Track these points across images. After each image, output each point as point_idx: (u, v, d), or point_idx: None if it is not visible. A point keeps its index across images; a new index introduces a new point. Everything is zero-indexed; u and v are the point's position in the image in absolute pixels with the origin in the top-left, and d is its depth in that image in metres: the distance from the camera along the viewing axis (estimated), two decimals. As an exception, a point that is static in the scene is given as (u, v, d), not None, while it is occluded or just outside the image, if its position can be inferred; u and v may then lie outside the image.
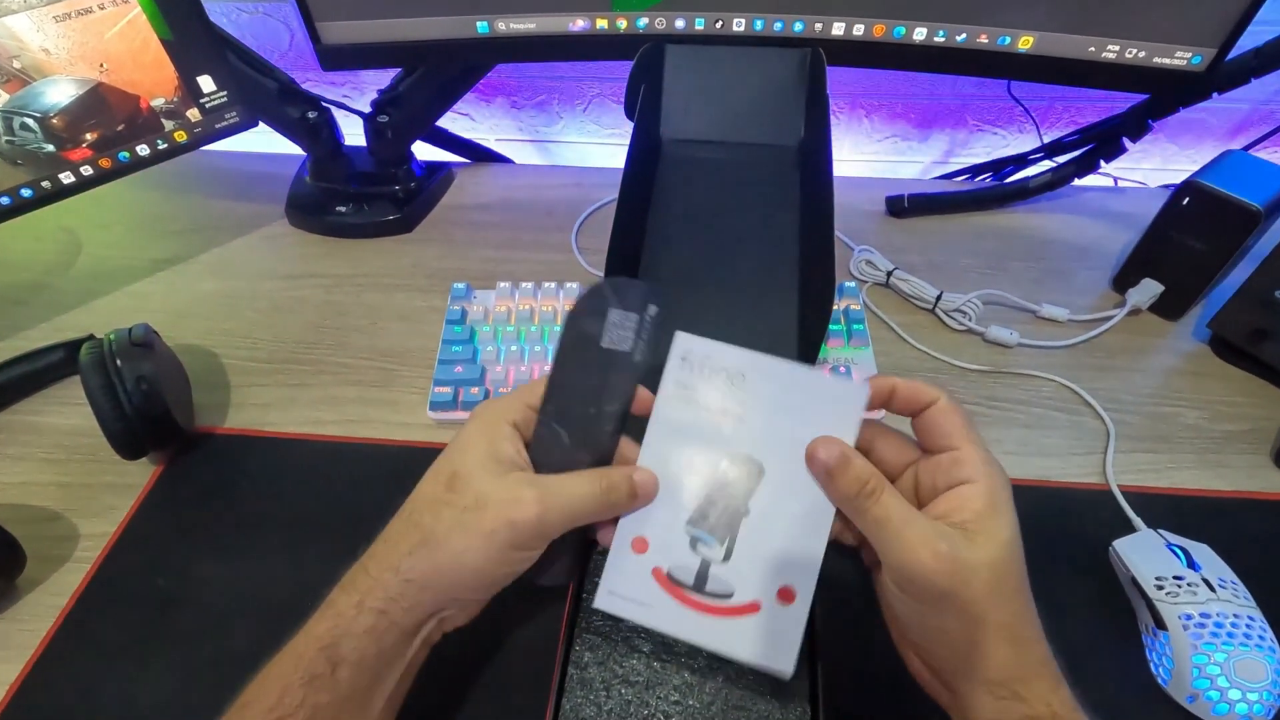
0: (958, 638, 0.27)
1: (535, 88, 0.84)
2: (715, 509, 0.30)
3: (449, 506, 0.29)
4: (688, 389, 0.31)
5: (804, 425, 0.30)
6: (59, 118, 0.52)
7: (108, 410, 0.44)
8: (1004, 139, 0.84)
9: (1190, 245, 0.55)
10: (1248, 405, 0.53)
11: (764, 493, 0.30)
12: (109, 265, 0.65)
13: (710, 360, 0.31)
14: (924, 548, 0.26)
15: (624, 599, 0.30)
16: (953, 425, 0.29)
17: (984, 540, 0.27)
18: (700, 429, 0.31)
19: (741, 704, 0.32)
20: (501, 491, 0.29)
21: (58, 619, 0.42)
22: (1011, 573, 0.27)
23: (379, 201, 0.69)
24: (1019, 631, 0.27)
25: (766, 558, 0.30)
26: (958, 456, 0.29)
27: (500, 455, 0.30)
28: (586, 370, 0.32)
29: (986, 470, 0.28)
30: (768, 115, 0.50)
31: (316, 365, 0.56)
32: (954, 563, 0.26)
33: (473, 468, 0.30)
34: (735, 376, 0.31)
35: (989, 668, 0.27)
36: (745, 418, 0.31)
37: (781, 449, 0.30)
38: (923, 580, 0.27)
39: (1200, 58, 0.51)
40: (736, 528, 0.30)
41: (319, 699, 0.28)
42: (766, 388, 0.31)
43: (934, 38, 0.54)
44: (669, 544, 0.31)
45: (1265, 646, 0.37)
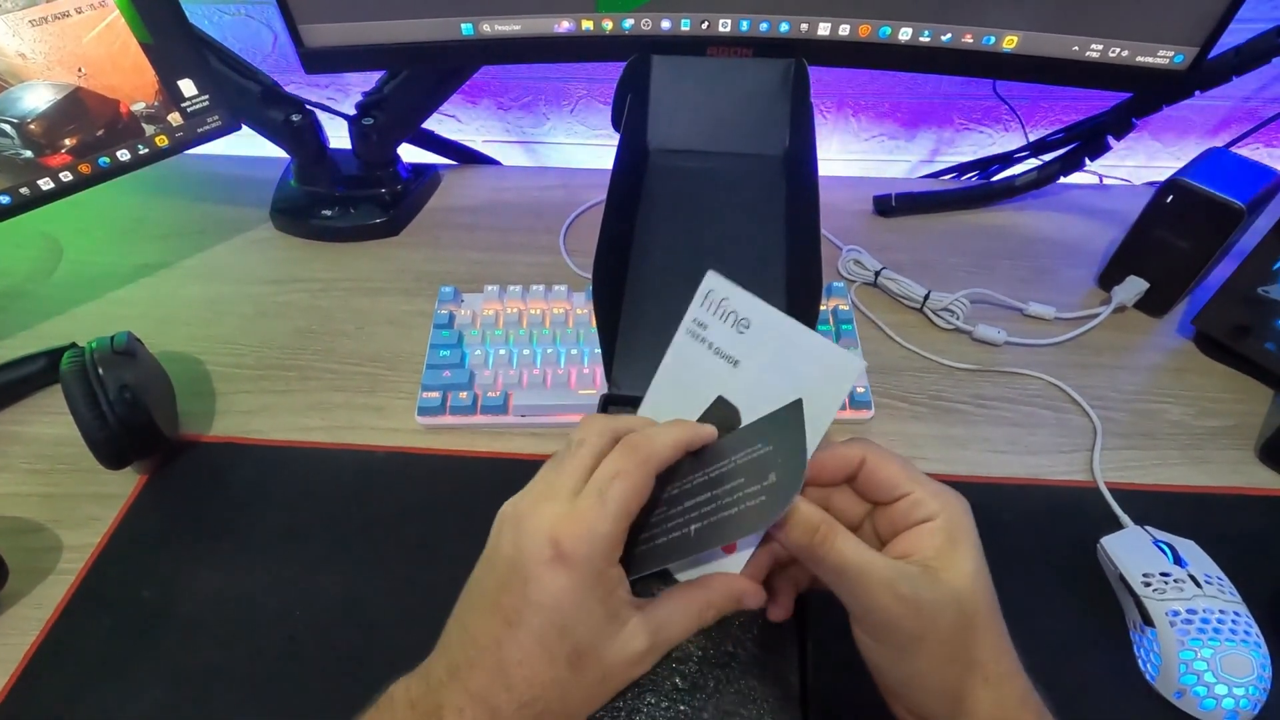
0: (935, 680, 0.27)
1: (522, 89, 0.84)
2: None
3: (577, 687, 0.26)
4: (703, 326, 0.32)
5: (791, 385, 0.30)
6: (37, 123, 0.51)
7: (90, 419, 0.44)
8: (990, 138, 0.84)
9: (1174, 243, 0.56)
10: (1232, 401, 0.53)
11: None
12: (91, 272, 0.64)
13: (727, 302, 0.32)
14: (885, 592, 0.25)
15: None
16: (891, 473, 0.29)
17: (947, 576, 0.26)
18: (701, 366, 0.32)
19: (731, 710, 0.32)
20: (621, 654, 0.27)
21: (41, 632, 0.41)
22: (980, 607, 0.27)
23: (365, 205, 0.69)
24: (994, 669, 0.27)
25: None
26: (911, 500, 0.28)
27: (615, 611, 0.27)
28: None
29: (943, 504, 0.28)
30: (753, 125, 0.51)
31: (303, 371, 0.56)
32: (917, 604, 0.26)
33: (594, 640, 0.26)
34: (742, 323, 0.31)
35: (972, 710, 0.26)
36: (742, 365, 0.31)
37: (763, 404, 0.30)
38: (888, 624, 0.26)
39: (1182, 56, 0.52)
40: None
41: None
42: (767, 340, 0.31)
43: (919, 38, 0.54)
44: None
45: (1251, 641, 0.37)
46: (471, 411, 0.51)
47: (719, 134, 0.51)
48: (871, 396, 0.52)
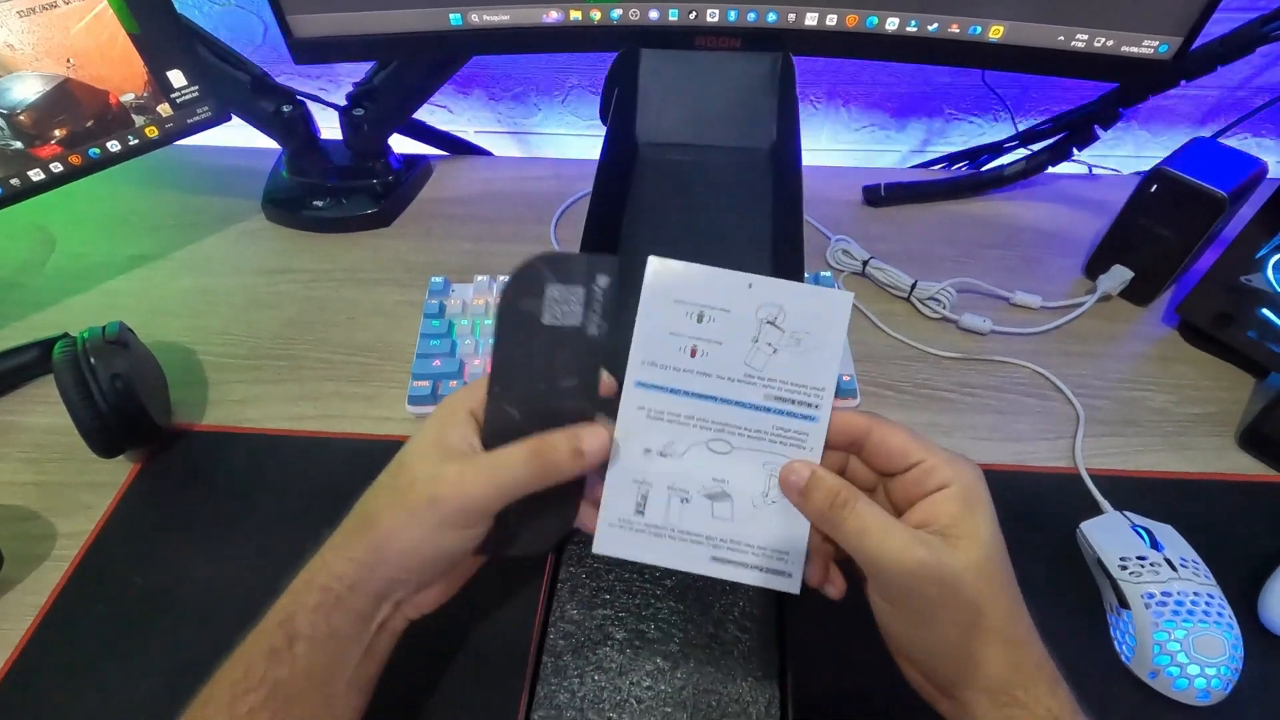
0: (952, 645, 0.27)
1: (513, 79, 0.84)
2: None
3: (387, 489, 0.30)
4: (662, 319, 0.30)
5: (787, 347, 0.30)
6: (26, 114, 0.51)
7: (82, 409, 0.44)
8: (980, 128, 0.85)
9: (1159, 232, 0.56)
10: (1214, 388, 0.54)
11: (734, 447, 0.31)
12: (83, 263, 0.64)
13: (685, 285, 0.30)
14: (906, 556, 0.26)
15: (619, 541, 0.31)
16: (903, 442, 0.29)
17: (965, 543, 0.27)
18: (674, 365, 0.31)
19: (712, 687, 0.32)
20: (428, 469, 0.29)
21: (36, 619, 0.42)
22: (997, 572, 0.27)
23: (356, 195, 0.69)
24: (1013, 633, 0.27)
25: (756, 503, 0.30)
26: (924, 467, 0.28)
27: (446, 441, 0.30)
28: (531, 350, 0.31)
29: (956, 472, 0.28)
30: (740, 119, 0.51)
31: (294, 361, 0.56)
32: (939, 569, 0.26)
33: (415, 454, 0.30)
34: (708, 306, 0.30)
35: (987, 674, 0.27)
36: (721, 351, 0.30)
37: (767, 372, 0.30)
38: (908, 590, 0.26)
39: (1167, 46, 0.52)
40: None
41: (279, 673, 0.28)
42: (742, 312, 0.30)
43: (906, 27, 0.54)
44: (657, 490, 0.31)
45: (1224, 623, 0.38)
46: (461, 400, 0.51)
47: (707, 127, 0.51)
48: (858, 385, 0.53)
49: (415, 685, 0.38)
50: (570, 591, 0.35)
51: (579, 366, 0.31)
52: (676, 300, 0.30)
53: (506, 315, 0.31)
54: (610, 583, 0.35)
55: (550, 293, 0.31)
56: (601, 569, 0.36)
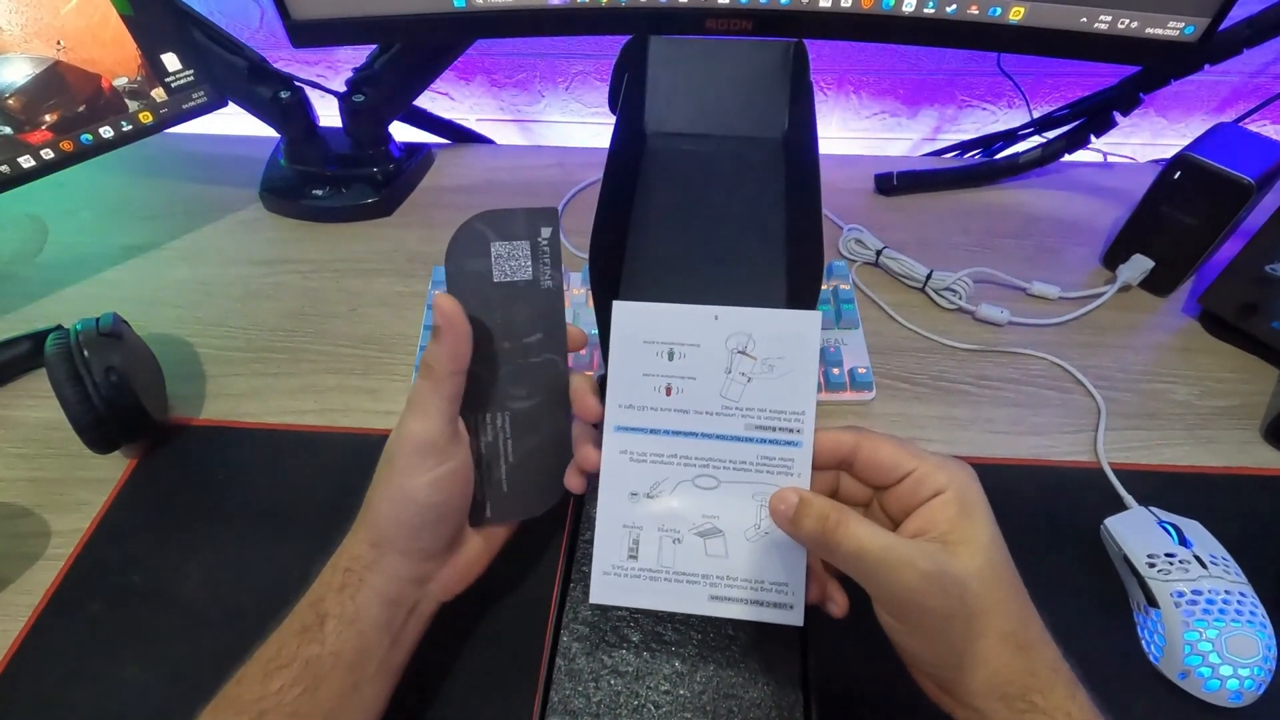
0: (963, 654, 0.26)
1: (516, 66, 0.82)
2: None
3: (376, 470, 0.32)
4: (634, 361, 0.31)
5: (761, 375, 0.30)
6: (15, 98, 0.50)
7: (75, 403, 0.43)
8: (993, 115, 0.83)
9: (1181, 220, 0.55)
10: (1237, 381, 0.53)
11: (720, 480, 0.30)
12: (76, 253, 0.63)
13: (652, 325, 0.31)
14: (908, 571, 0.25)
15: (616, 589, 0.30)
16: (891, 453, 0.29)
17: (966, 548, 0.26)
18: (651, 405, 0.31)
19: (732, 692, 0.31)
20: (394, 437, 0.31)
21: (30, 618, 0.41)
22: (1002, 575, 0.27)
23: (357, 184, 0.67)
24: (1024, 636, 0.27)
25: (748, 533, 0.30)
26: (916, 476, 0.28)
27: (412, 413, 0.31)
28: (490, 310, 0.31)
29: (950, 476, 0.28)
30: (752, 108, 0.50)
31: (295, 353, 0.55)
32: (941, 579, 0.25)
33: (394, 444, 0.32)
34: (676, 343, 0.30)
35: (1002, 680, 0.26)
36: (696, 387, 0.30)
37: (736, 416, 0.30)
38: (913, 604, 0.26)
39: (1193, 28, 0.50)
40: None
41: (310, 651, 0.29)
42: (711, 345, 0.30)
43: (923, 9, 0.53)
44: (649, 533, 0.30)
45: (1256, 622, 0.37)
46: (466, 394, 0.50)
47: (718, 117, 0.50)
48: (873, 377, 0.51)
49: (428, 689, 0.37)
50: (584, 593, 0.34)
51: (540, 319, 0.31)
52: (645, 341, 0.30)
53: (456, 279, 0.31)
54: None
55: (496, 250, 0.31)
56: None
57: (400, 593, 0.31)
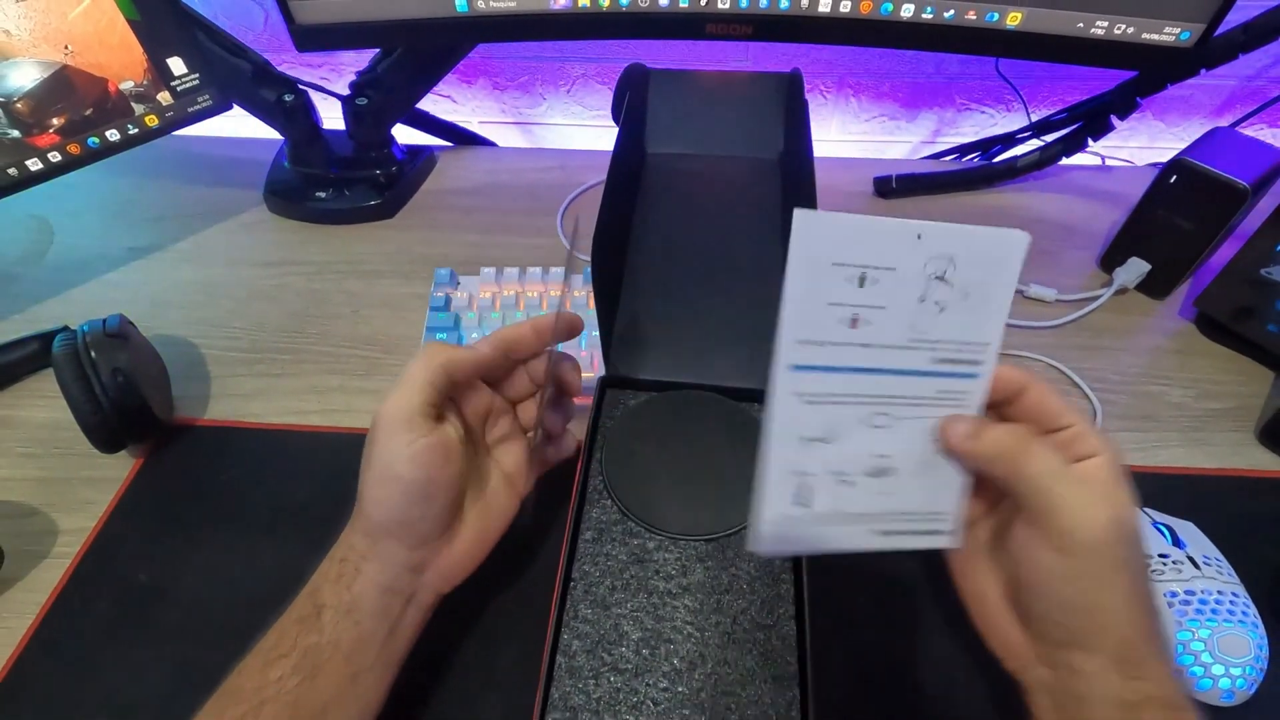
0: (1106, 610, 0.27)
1: (517, 69, 0.82)
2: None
3: (362, 460, 0.33)
4: (819, 287, 0.26)
5: (955, 302, 0.27)
6: (23, 102, 0.50)
7: (83, 403, 0.43)
8: (992, 118, 0.84)
9: (1177, 224, 0.55)
10: (1233, 383, 0.53)
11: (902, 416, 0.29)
12: (82, 254, 0.63)
13: (844, 243, 0.26)
14: (1095, 507, 0.26)
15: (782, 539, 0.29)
16: (1058, 404, 0.29)
17: (1114, 505, 0.27)
18: (834, 340, 0.27)
19: (730, 689, 0.32)
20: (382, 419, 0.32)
21: (38, 616, 0.41)
22: (1137, 540, 0.28)
23: (359, 186, 0.68)
24: (1151, 604, 0.27)
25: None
26: (1075, 432, 0.28)
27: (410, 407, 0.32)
28: None
29: (1105, 444, 0.28)
30: (748, 132, 0.51)
31: (298, 354, 0.55)
32: (1119, 526, 0.26)
33: (381, 419, 0.32)
34: (871, 266, 0.26)
35: (1129, 644, 0.27)
36: (885, 317, 0.27)
37: (923, 350, 0.28)
38: (1088, 541, 0.26)
39: (1189, 33, 0.51)
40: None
41: (308, 640, 0.30)
42: (909, 270, 0.26)
43: (921, 14, 0.53)
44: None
45: (1248, 622, 0.37)
46: (468, 394, 0.51)
47: (715, 140, 0.52)
48: (871, 379, 0.52)
49: (429, 685, 0.37)
50: (584, 590, 0.35)
51: None
52: (835, 264, 0.26)
53: None
54: (625, 580, 0.35)
55: None
56: (616, 567, 0.35)
57: (396, 581, 0.32)
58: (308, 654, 0.29)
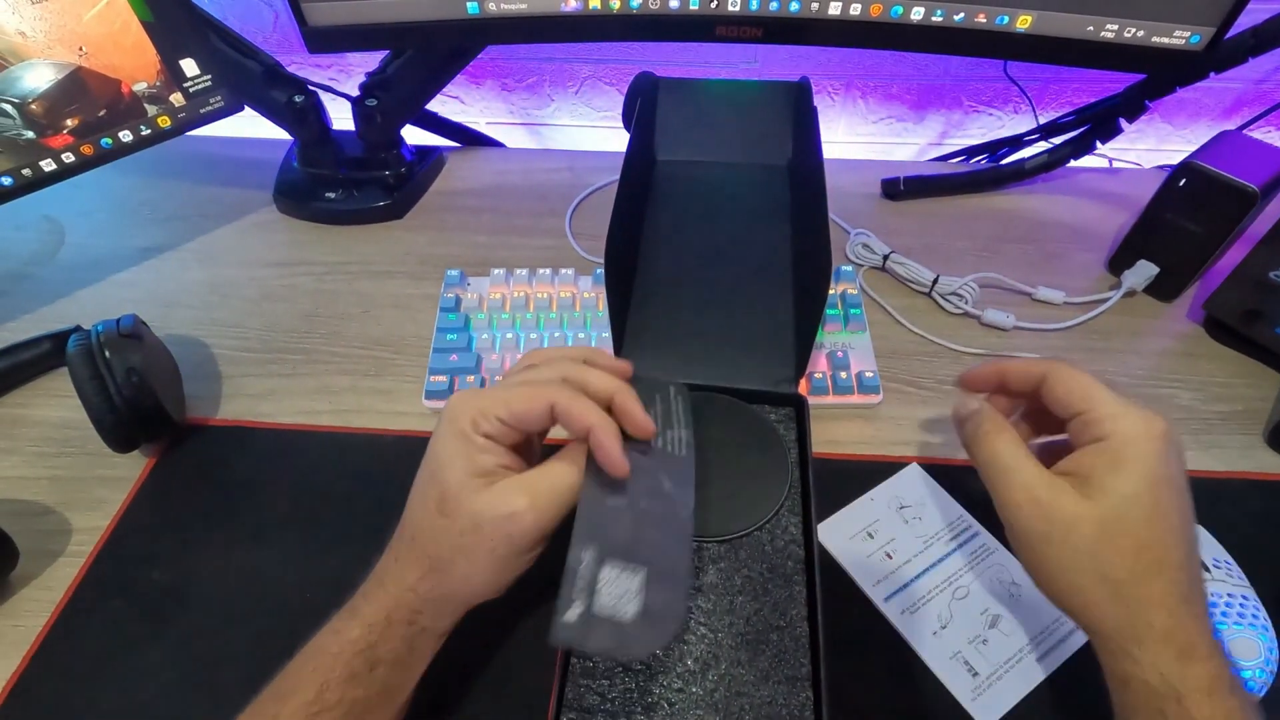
0: (1053, 584, 0.29)
1: (526, 70, 0.83)
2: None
3: (446, 532, 0.29)
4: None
5: None
6: (38, 103, 0.51)
7: (97, 403, 0.43)
8: (1000, 120, 0.84)
9: (1186, 227, 0.55)
10: (1241, 386, 0.53)
11: None
12: (94, 254, 0.64)
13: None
14: (1021, 492, 0.28)
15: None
16: (1069, 390, 0.30)
17: (1096, 494, 0.28)
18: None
19: (744, 690, 0.32)
20: (492, 508, 0.29)
21: (52, 615, 0.41)
22: (1129, 528, 0.28)
23: (369, 187, 0.68)
24: (1133, 592, 0.27)
25: None
26: (1086, 419, 0.29)
27: (480, 466, 0.30)
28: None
29: (1118, 427, 0.29)
30: (757, 139, 0.52)
31: (309, 355, 0.56)
32: (1048, 510, 0.28)
33: (457, 488, 0.29)
34: None
35: (1094, 618, 0.28)
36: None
37: None
38: (1015, 522, 0.29)
39: (1199, 37, 0.51)
40: None
41: (356, 694, 0.29)
42: None
43: (931, 17, 0.53)
44: None
45: (1259, 625, 0.38)
46: (479, 395, 0.51)
47: (725, 147, 0.52)
48: (880, 381, 0.52)
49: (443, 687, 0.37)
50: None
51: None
52: None
53: None
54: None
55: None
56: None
57: (452, 627, 0.32)
58: (354, 705, 0.29)
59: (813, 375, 0.51)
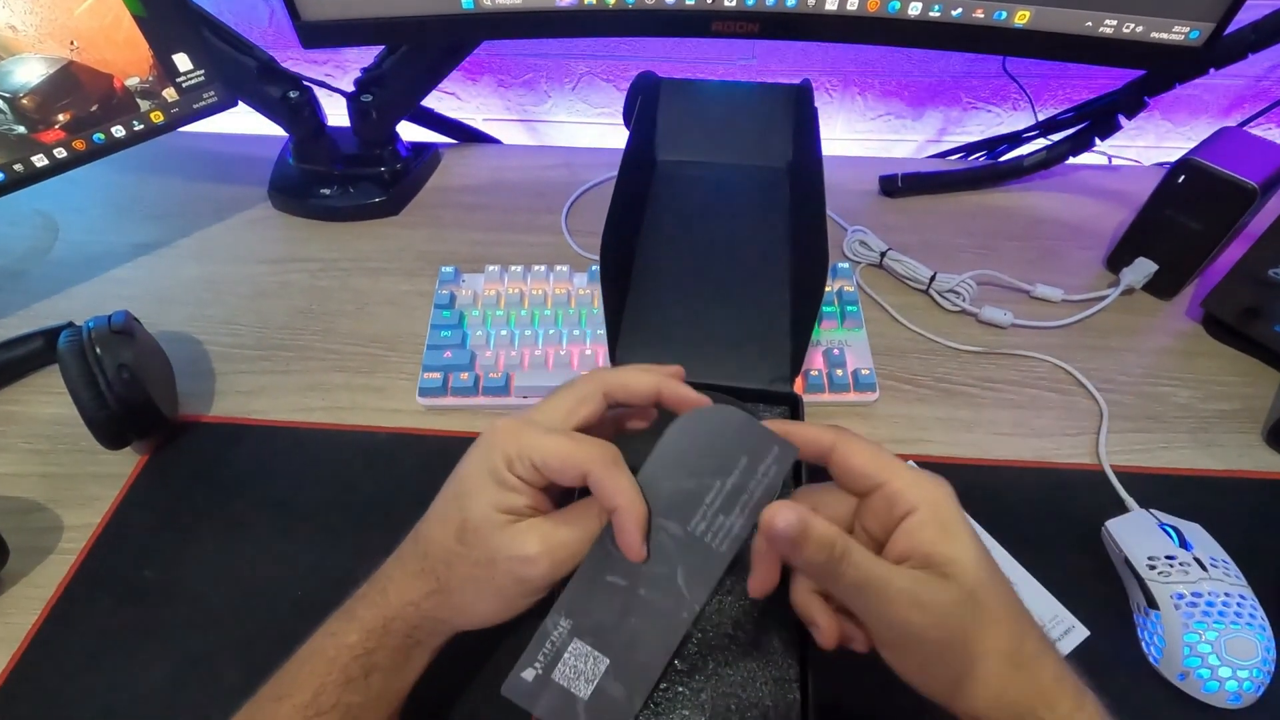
0: (964, 680, 0.26)
1: (523, 66, 0.82)
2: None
3: (461, 560, 0.29)
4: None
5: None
6: (29, 98, 0.50)
7: (88, 399, 0.43)
8: (998, 117, 0.83)
9: (1185, 224, 0.55)
10: (1239, 384, 0.53)
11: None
12: (87, 250, 0.63)
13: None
14: (906, 604, 0.25)
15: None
16: (863, 462, 0.28)
17: (955, 570, 0.25)
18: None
19: (731, 691, 0.32)
20: (510, 548, 0.28)
21: (42, 612, 0.41)
22: (992, 594, 0.26)
23: (364, 183, 0.68)
24: (1023, 652, 0.26)
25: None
26: (885, 492, 0.27)
27: (508, 506, 0.29)
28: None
29: (922, 494, 0.27)
30: (758, 141, 0.51)
31: (303, 351, 0.55)
32: (939, 612, 0.25)
33: (480, 521, 0.29)
34: None
35: (1007, 701, 0.26)
36: None
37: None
38: (913, 639, 0.26)
39: (1198, 33, 0.50)
40: None
41: (352, 699, 0.29)
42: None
43: (929, 12, 0.53)
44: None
45: (1256, 625, 0.37)
46: (473, 392, 0.51)
47: (725, 149, 0.52)
48: (876, 379, 0.52)
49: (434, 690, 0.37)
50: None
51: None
52: None
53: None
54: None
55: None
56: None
57: (445, 644, 0.32)
58: (349, 710, 0.29)
59: (809, 373, 0.51)
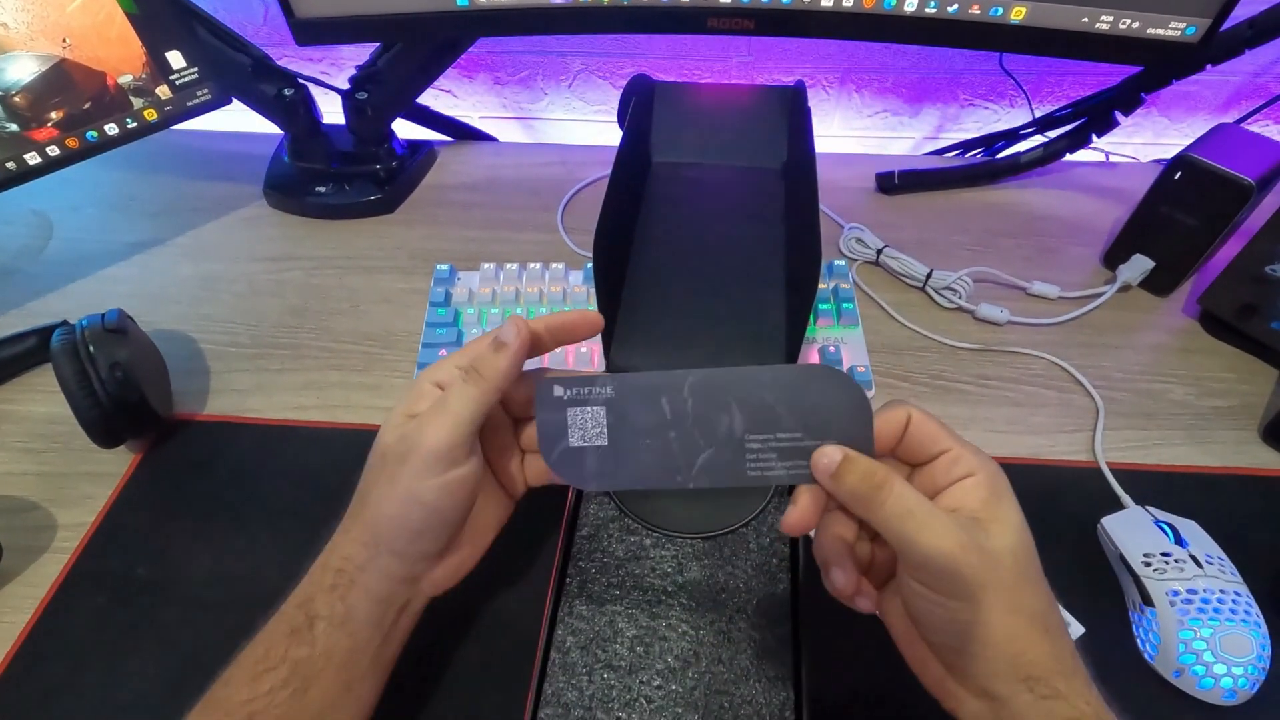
0: (990, 631, 0.26)
1: (519, 63, 0.82)
2: None
3: (370, 469, 0.31)
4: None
5: None
6: (21, 95, 0.50)
7: (81, 398, 0.43)
8: (995, 114, 0.83)
9: (1182, 220, 0.55)
10: (1236, 381, 0.53)
11: None
12: (81, 249, 0.63)
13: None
14: (948, 536, 0.25)
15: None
16: (934, 431, 0.29)
17: (999, 528, 0.26)
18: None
19: (724, 688, 0.31)
20: (396, 435, 0.30)
21: (36, 611, 0.41)
22: (1032, 559, 0.27)
23: (360, 181, 0.67)
24: (1051, 621, 0.27)
25: None
26: (952, 456, 0.28)
27: (411, 409, 0.30)
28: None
29: (981, 461, 0.28)
30: (752, 143, 0.51)
31: (297, 350, 0.55)
32: (980, 551, 0.26)
33: (386, 428, 0.31)
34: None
35: (1027, 662, 0.26)
36: None
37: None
38: (949, 571, 0.26)
39: (1195, 29, 0.50)
40: None
41: (299, 653, 0.29)
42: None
43: (925, 8, 0.53)
44: None
45: (1251, 621, 0.37)
46: (467, 390, 0.50)
47: (719, 150, 0.52)
48: (872, 376, 0.52)
49: (422, 681, 0.37)
50: (579, 587, 0.34)
51: None
52: None
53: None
54: (620, 578, 0.35)
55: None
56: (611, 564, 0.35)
57: (392, 592, 0.31)
58: (299, 666, 0.29)
59: (804, 370, 0.51)
